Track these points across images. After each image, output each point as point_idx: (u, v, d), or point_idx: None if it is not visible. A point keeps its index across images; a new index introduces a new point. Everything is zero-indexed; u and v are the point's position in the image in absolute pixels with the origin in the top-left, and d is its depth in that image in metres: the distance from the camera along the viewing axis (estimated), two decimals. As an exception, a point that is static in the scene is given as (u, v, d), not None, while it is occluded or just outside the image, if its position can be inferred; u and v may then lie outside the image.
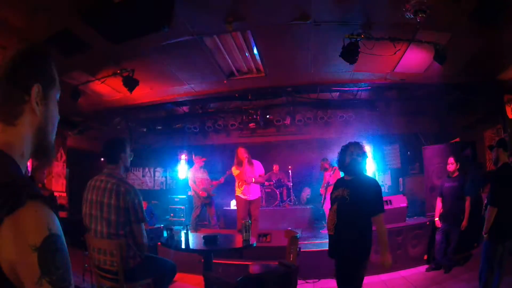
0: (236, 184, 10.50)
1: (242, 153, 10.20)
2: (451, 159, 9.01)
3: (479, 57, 8.16)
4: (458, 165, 8.89)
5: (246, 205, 10.28)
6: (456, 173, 8.89)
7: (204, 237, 5.84)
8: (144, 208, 4.63)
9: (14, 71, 1.50)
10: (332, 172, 11.29)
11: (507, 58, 8.03)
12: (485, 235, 5.76)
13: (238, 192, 10.36)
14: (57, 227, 1.34)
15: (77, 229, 4.73)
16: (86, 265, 6.55)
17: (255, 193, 10.36)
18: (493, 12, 5.84)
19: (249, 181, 10.13)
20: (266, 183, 13.72)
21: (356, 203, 4.96)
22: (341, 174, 5.80)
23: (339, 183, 5.33)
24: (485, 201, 7.35)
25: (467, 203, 8.40)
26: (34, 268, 1.25)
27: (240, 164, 10.20)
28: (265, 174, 11.63)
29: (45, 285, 1.26)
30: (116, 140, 5.06)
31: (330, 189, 6.29)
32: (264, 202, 13.63)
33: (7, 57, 1.52)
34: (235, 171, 10.31)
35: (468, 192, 8.53)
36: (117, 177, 4.62)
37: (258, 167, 10.47)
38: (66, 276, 1.33)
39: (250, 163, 10.21)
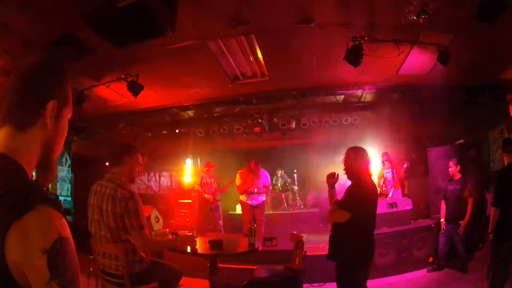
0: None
1: (252, 166, 10.41)
2: (451, 163, 9.04)
3: (482, 58, 8.15)
4: (459, 168, 8.91)
5: (251, 210, 10.39)
6: (459, 176, 8.91)
7: (209, 242, 5.83)
8: (142, 214, 4.57)
9: (36, 81, 1.53)
10: None
11: (510, 58, 8.02)
12: (490, 235, 5.79)
13: (242, 197, 10.46)
14: (67, 231, 1.36)
15: (82, 233, 4.73)
16: (90, 269, 6.56)
17: (258, 198, 10.43)
18: (496, 12, 5.83)
19: (250, 190, 10.22)
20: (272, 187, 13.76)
21: (345, 207, 5.01)
22: None
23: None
24: (489, 201, 7.38)
25: (470, 205, 8.41)
26: (43, 271, 1.26)
27: (247, 176, 10.31)
28: (271, 178, 11.69)
29: (55, 287, 1.26)
30: (123, 144, 5.07)
31: None
32: (269, 206, 13.65)
33: (26, 63, 1.54)
34: (237, 180, 10.40)
35: (471, 194, 8.54)
36: (116, 182, 4.61)
37: (264, 178, 10.61)
38: (74, 279, 1.34)
39: (257, 177, 10.31)
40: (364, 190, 5.09)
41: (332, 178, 5.39)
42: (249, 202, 10.40)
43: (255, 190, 10.37)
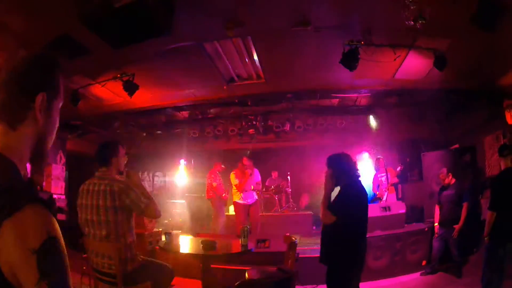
0: (233, 190, 10.83)
1: (245, 162, 10.61)
2: (441, 174, 9.10)
3: (478, 63, 8.18)
4: (450, 176, 8.96)
5: (245, 210, 10.55)
6: (453, 181, 8.95)
7: (202, 242, 5.82)
8: (140, 195, 4.62)
9: (22, 76, 1.51)
10: None
11: (506, 63, 8.04)
12: (486, 238, 5.82)
13: (236, 198, 10.59)
14: (56, 231, 1.34)
15: (76, 232, 4.74)
16: (84, 268, 6.55)
17: (252, 197, 10.69)
18: (492, 17, 5.86)
19: (247, 188, 10.33)
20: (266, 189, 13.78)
21: (331, 209, 5.02)
22: None
23: None
24: (484, 206, 7.43)
25: (464, 209, 8.46)
26: (33, 271, 1.25)
27: (242, 172, 10.54)
28: (264, 180, 11.73)
29: (44, 287, 1.26)
30: (108, 144, 5.06)
31: None
32: (263, 208, 13.65)
33: (16, 59, 1.54)
34: (234, 180, 10.52)
35: (465, 198, 8.58)
36: (108, 177, 4.63)
37: (255, 175, 10.70)
38: (65, 279, 1.33)
39: (251, 174, 10.53)
40: (352, 193, 5.07)
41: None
42: (243, 202, 10.50)
43: (252, 187, 10.50)
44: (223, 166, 12.27)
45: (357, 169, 5.35)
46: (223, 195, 11.82)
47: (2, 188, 1.31)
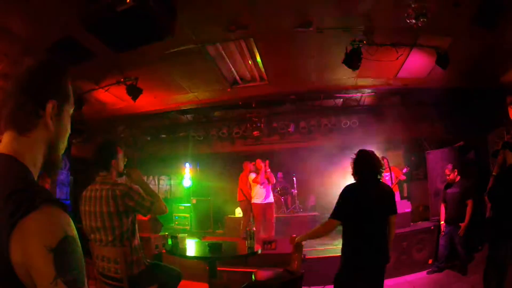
0: (252, 192, 11.22)
1: (259, 163, 11.24)
2: (447, 170, 9.07)
3: (481, 60, 8.16)
4: (456, 172, 8.93)
5: (262, 210, 10.97)
6: (458, 178, 8.92)
7: (208, 245, 5.82)
8: (144, 195, 4.57)
9: (31, 84, 1.52)
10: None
11: (509, 60, 8.02)
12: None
13: (253, 199, 10.88)
14: (73, 230, 1.37)
15: (81, 236, 4.72)
16: (89, 272, 6.55)
17: (268, 197, 11.24)
18: (494, 14, 5.84)
19: (262, 180, 11.06)
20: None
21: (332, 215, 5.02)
22: None
23: None
24: (488, 204, 7.39)
25: (469, 207, 8.43)
26: (49, 268, 1.26)
27: (257, 171, 11.15)
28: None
29: (60, 285, 1.27)
30: (105, 146, 4.99)
31: None
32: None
33: (23, 67, 1.54)
34: (251, 177, 11.28)
35: (470, 196, 8.55)
36: (110, 182, 4.57)
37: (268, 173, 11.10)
38: (80, 277, 1.36)
39: (265, 171, 11.18)
40: (344, 196, 4.99)
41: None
42: (259, 202, 11.05)
43: (269, 168, 11.35)
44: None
45: (373, 167, 5.26)
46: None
47: (18, 189, 1.33)
